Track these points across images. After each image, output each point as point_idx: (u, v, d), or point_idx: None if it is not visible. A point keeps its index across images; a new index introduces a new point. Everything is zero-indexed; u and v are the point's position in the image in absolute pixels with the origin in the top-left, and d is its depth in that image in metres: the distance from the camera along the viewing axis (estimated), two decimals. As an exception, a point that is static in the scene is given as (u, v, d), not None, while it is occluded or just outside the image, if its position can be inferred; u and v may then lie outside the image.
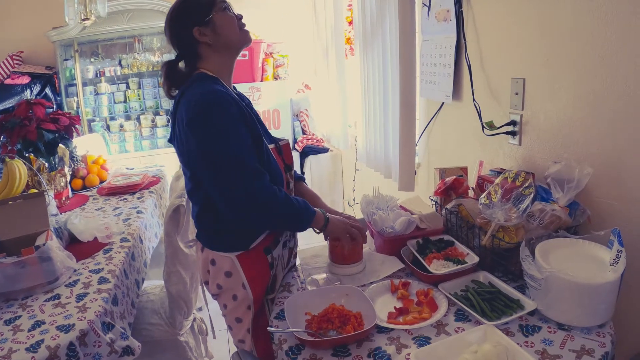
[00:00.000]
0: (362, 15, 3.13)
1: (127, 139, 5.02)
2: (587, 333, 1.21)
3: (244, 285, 1.60)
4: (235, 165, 1.42)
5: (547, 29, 1.67)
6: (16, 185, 2.30)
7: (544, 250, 1.34)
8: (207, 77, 1.54)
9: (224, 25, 1.54)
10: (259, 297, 1.63)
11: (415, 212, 1.83)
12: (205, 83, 1.51)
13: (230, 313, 1.67)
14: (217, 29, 1.53)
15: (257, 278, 1.62)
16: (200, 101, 1.43)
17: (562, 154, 1.63)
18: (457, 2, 2.10)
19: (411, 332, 1.28)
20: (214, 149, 1.42)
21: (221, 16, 1.53)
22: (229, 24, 1.55)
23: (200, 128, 1.42)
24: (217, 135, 1.42)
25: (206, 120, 1.42)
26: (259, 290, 1.63)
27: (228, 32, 1.55)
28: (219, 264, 1.61)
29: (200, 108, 1.42)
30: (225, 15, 1.54)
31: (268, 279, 1.65)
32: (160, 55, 4.97)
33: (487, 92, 2.03)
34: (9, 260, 1.65)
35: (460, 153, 2.36)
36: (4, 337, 1.45)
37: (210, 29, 1.52)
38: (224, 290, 1.64)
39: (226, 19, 1.54)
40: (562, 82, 1.63)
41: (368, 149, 3.41)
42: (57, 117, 2.70)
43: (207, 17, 1.51)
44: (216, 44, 1.54)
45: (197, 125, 1.43)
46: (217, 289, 1.65)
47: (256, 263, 1.61)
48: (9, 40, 4.77)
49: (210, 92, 1.45)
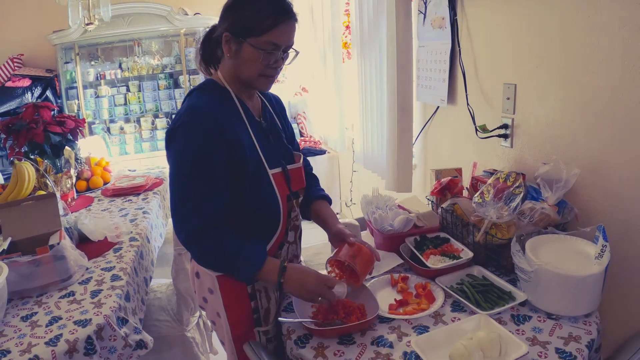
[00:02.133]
0: (360, 20, 3.20)
1: (128, 141, 5.09)
2: (575, 322, 1.30)
3: (222, 309, 1.53)
4: (180, 193, 1.36)
5: (537, 37, 1.76)
6: (25, 187, 2.35)
7: (533, 245, 1.43)
8: (213, 87, 1.46)
9: (245, 60, 1.37)
10: (239, 326, 1.53)
11: (412, 211, 1.92)
12: (203, 95, 1.44)
13: (218, 330, 1.64)
14: (240, 55, 1.38)
15: (235, 306, 1.52)
16: (178, 116, 1.38)
17: (551, 156, 1.72)
18: (451, 10, 2.19)
19: (411, 322, 1.37)
20: (170, 169, 1.39)
21: (250, 50, 1.35)
22: (250, 62, 1.37)
23: (168, 142, 1.39)
24: (175, 157, 1.38)
25: (172, 138, 1.38)
26: (239, 320, 1.52)
27: (244, 67, 1.39)
28: (202, 278, 1.57)
29: (175, 124, 1.37)
30: (254, 53, 1.35)
31: (248, 310, 1.52)
32: (160, 59, 5.04)
33: (480, 97, 2.12)
34: (24, 259, 1.70)
35: (455, 155, 2.44)
36: (22, 332, 1.50)
37: (235, 47, 1.38)
38: (209, 304, 1.59)
39: (252, 57, 1.36)
40: (550, 87, 1.72)
41: (365, 150, 3.48)
42: (63, 120, 2.76)
43: (241, 36, 1.35)
44: (233, 62, 1.41)
45: (167, 139, 1.40)
46: (204, 302, 1.61)
47: (235, 290, 1.50)
48: (10, 42, 4.83)
49: (190, 111, 1.37)
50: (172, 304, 2.33)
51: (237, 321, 1.53)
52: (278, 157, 1.52)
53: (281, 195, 1.49)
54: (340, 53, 4.02)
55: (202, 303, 1.62)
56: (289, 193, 1.54)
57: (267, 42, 1.34)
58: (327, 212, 1.67)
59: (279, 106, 1.70)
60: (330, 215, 1.65)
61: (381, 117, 3.06)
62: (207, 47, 1.50)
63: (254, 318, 1.53)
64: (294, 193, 1.57)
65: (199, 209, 1.34)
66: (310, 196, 1.71)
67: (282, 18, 1.33)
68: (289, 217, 1.57)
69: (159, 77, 5.07)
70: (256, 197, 1.45)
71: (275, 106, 1.67)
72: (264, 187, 1.45)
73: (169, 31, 4.91)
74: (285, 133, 1.65)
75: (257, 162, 1.44)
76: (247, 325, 1.53)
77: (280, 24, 1.33)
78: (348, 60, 4.14)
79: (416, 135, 2.83)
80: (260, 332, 1.54)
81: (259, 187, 1.44)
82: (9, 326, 1.54)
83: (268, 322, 1.55)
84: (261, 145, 1.47)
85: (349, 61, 4.07)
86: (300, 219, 1.68)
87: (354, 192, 4.32)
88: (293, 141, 1.70)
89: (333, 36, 3.99)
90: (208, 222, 1.35)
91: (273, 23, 1.32)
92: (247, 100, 1.51)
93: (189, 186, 1.35)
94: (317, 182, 1.80)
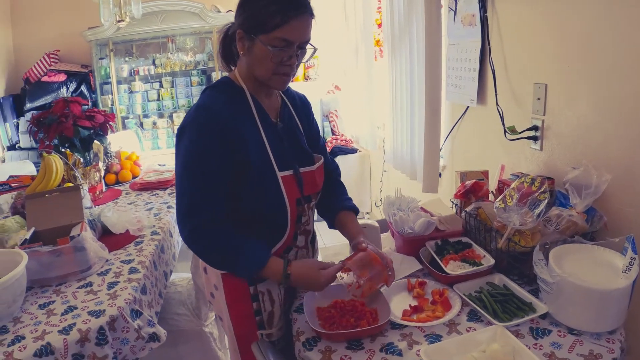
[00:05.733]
0: (391, 18, 3.16)
1: (160, 136, 5.17)
2: (597, 338, 1.23)
3: (225, 306, 1.53)
4: (182, 191, 1.38)
5: (568, 35, 1.68)
6: (53, 179, 2.40)
7: (558, 254, 1.36)
8: (227, 86, 1.45)
9: (257, 57, 1.34)
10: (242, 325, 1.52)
11: (435, 213, 1.86)
12: (214, 94, 1.43)
13: (223, 326, 1.63)
14: (252, 52, 1.35)
15: (237, 305, 1.51)
16: (188, 115, 1.39)
17: (581, 160, 1.64)
18: (482, 6, 2.12)
19: (424, 330, 1.32)
20: (175, 166, 1.41)
21: (261, 48, 1.31)
22: (262, 59, 1.34)
23: (177, 140, 1.41)
24: (179, 154, 1.39)
25: (179, 136, 1.39)
26: (241, 319, 1.52)
27: (257, 65, 1.36)
28: (209, 274, 1.58)
29: (184, 122, 1.38)
30: (266, 50, 1.31)
31: (250, 310, 1.50)
32: (193, 55, 5.09)
33: (510, 97, 2.05)
34: (44, 249, 1.73)
35: (484, 157, 2.37)
36: (38, 319, 1.53)
37: (248, 45, 1.35)
38: (215, 300, 1.59)
39: (263, 54, 1.32)
40: (582, 88, 1.65)
41: (395, 150, 3.45)
42: (92, 115, 2.81)
43: (252, 33, 1.31)
44: (247, 59, 1.39)
45: (176, 137, 1.42)
46: (211, 297, 1.62)
47: (238, 289, 1.50)
48: (47, 39, 4.97)
49: (197, 110, 1.38)
50: (192, 298, 2.34)
51: (240, 320, 1.52)
52: (291, 159, 1.48)
53: (290, 198, 1.45)
54: (372, 51, 3.98)
55: (210, 298, 1.63)
56: (299, 197, 1.49)
57: (278, 39, 1.29)
58: (351, 224, 1.61)
59: (304, 106, 1.66)
60: (352, 228, 1.59)
61: (410, 116, 3.02)
62: (225, 44, 1.49)
63: (257, 320, 1.51)
64: (305, 197, 1.52)
65: (199, 207, 1.35)
66: (336, 206, 1.66)
67: (293, 13, 1.28)
68: (299, 222, 1.52)
69: (192, 73, 5.13)
70: (261, 199, 1.42)
71: (299, 106, 1.63)
72: (271, 189, 1.42)
73: (202, 28, 4.95)
74: (307, 135, 1.61)
75: (266, 163, 1.41)
76: (250, 325, 1.51)
77: (292, 20, 1.28)
78: (380, 58, 4.08)
79: (445, 135, 2.76)
80: (264, 335, 1.52)
81: (264, 189, 1.42)
82: (26, 313, 1.58)
83: (272, 325, 1.53)
84: (272, 146, 1.44)
85: (381, 59, 4.02)
86: (312, 224, 1.63)
87: (384, 192, 4.27)
88: (316, 143, 1.65)
89: (365, 34, 3.95)
90: (207, 220, 1.35)
91: (283, 18, 1.28)
92: (264, 99, 1.49)
93: (189, 184, 1.36)
94: (344, 191, 1.74)
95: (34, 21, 4.98)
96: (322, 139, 1.72)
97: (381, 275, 1.39)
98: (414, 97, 2.92)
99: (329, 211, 1.67)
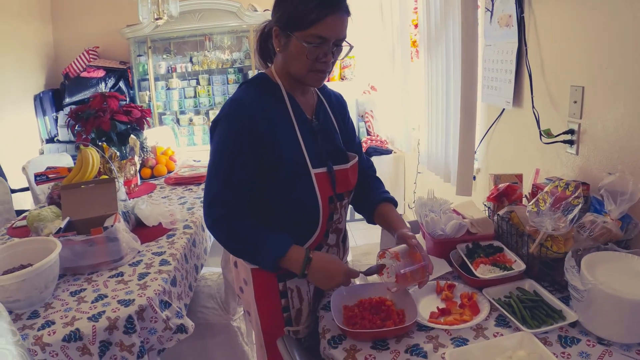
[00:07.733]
0: (427, 18, 3.13)
1: (196, 132, 5.25)
2: (627, 350, 1.18)
3: (253, 301, 1.55)
4: (209, 181, 1.40)
5: (607, 36, 1.63)
6: (89, 171, 2.47)
7: (590, 262, 1.31)
8: (263, 82, 1.46)
9: (293, 54, 1.35)
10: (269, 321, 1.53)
11: (467, 216, 1.83)
12: (249, 89, 1.45)
13: (251, 321, 1.63)
14: (288, 49, 1.36)
15: (265, 300, 1.52)
16: (222, 108, 1.42)
17: (617, 166, 1.59)
18: (518, 7, 2.08)
19: (450, 333, 1.30)
20: (210, 157, 1.43)
21: (297, 44, 1.33)
22: (298, 56, 1.35)
23: (211, 133, 1.44)
24: (212, 147, 1.42)
25: (213, 130, 1.42)
26: (268, 315, 1.53)
27: (293, 62, 1.38)
28: (239, 268, 1.59)
29: (218, 115, 1.41)
30: (301, 47, 1.32)
31: (278, 306, 1.51)
32: (230, 54, 5.15)
33: (546, 99, 2.00)
34: (78, 238, 1.79)
35: (519, 160, 2.33)
36: (69, 306, 1.58)
37: (284, 41, 1.36)
38: (244, 295, 1.61)
39: (299, 50, 1.33)
40: (620, 91, 1.59)
41: (430, 152, 3.42)
42: (129, 110, 2.88)
43: (288, 29, 1.33)
44: (283, 56, 1.41)
45: (210, 130, 1.45)
46: (240, 292, 1.64)
47: (267, 284, 1.51)
48: (87, 35, 5.13)
49: (231, 104, 1.40)
50: (221, 292, 2.37)
51: (267, 316, 1.53)
52: (325, 157, 1.47)
53: (322, 195, 1.45)
54: (408, 52, 3.95)
55: (239, 292, 1.65)
56: (332, 194, 1.49)
57: (314, 35, 1.30)
58: (392, 215, 1.59)
59: (340, 105, 1.67)
60: (395, 218, 1.57)
61: (446, 118, 2.99)
62: (261, 41, 1.51)
63: (284, 316, 1.52)
64: (338, 195, 1.51)
65: (224, 198, 1.37)
66: (374, 199, 1.65)
67: (328, 10, 1.29)
68: (330, 220, 1.51)
69: (229, 71, 5.19)
70: (293, 196, 1.42)
71: (335, 105, 1.64)
72: (303, 186, 1.42)
73: (239, 27, 5.00)
74: (343, 133, 1.61)
75: (299, 159, 1.42)
76: (277, 321, 1.52)
77: (327, 16, 1.29)
78: (417, 59, 4.05)
79: (480, 138, 2.72)
80: (291, 331, 1.52)
81: (296, 185, 1.42)
82: (58, 299, 1.64)
83: (299, 322, 1.53)
84: (307, 143, 1.44)
85: (417, 60, 3.98)
86: (344, 222, 1.62)
87: (418, 194, 4.23)
88: (352, 142, 1.65)
89: (402, 34, 3.93)
90: (230, 210, 1.37)
91: (319, 15, 1.28)
92: (300, 96, 1.49)
93: (217, 174, 1.38)
94: (380, 185, 1.72)
95: (74, 18, 5.14)
96: (357, 138, 1.72)
97: (419, 274, 1.38)
98: (450, 99, 2.89)
99: (367, 204, 1.65)
